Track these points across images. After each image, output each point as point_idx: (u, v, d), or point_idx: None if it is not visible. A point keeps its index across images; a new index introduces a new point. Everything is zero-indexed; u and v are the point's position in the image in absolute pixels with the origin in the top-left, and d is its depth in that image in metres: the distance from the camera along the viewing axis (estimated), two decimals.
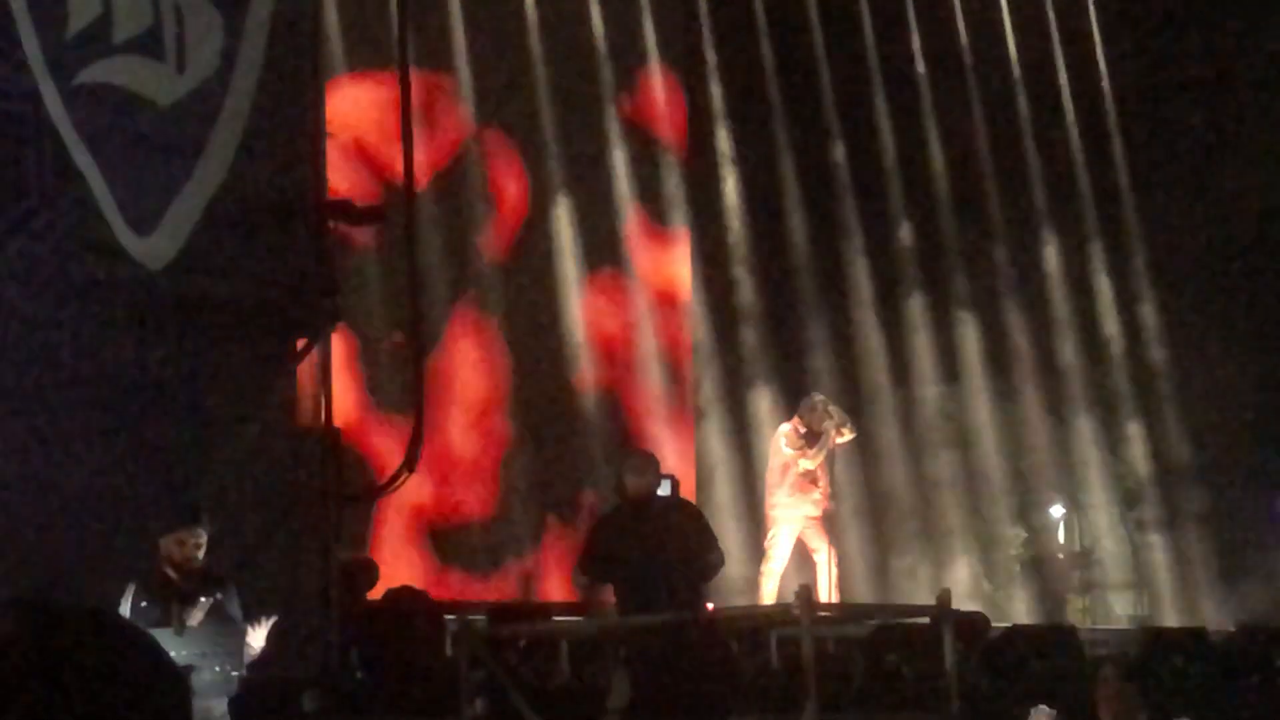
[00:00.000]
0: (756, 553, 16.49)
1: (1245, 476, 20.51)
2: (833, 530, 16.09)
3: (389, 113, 14.83)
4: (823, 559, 15.69)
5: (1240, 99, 21.15)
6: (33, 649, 1.87)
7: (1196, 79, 21.24)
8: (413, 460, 12.68)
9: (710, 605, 12.05)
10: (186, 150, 11.29)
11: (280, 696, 10.77)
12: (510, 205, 18.25)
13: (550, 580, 17.44)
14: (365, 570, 13.60)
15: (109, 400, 10.75)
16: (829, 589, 15.49)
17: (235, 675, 9.34)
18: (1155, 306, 21.12)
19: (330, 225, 12.30)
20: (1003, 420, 20.58)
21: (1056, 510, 20.90)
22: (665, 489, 13.37)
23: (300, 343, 11.96)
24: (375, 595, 13.37)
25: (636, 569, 10.62)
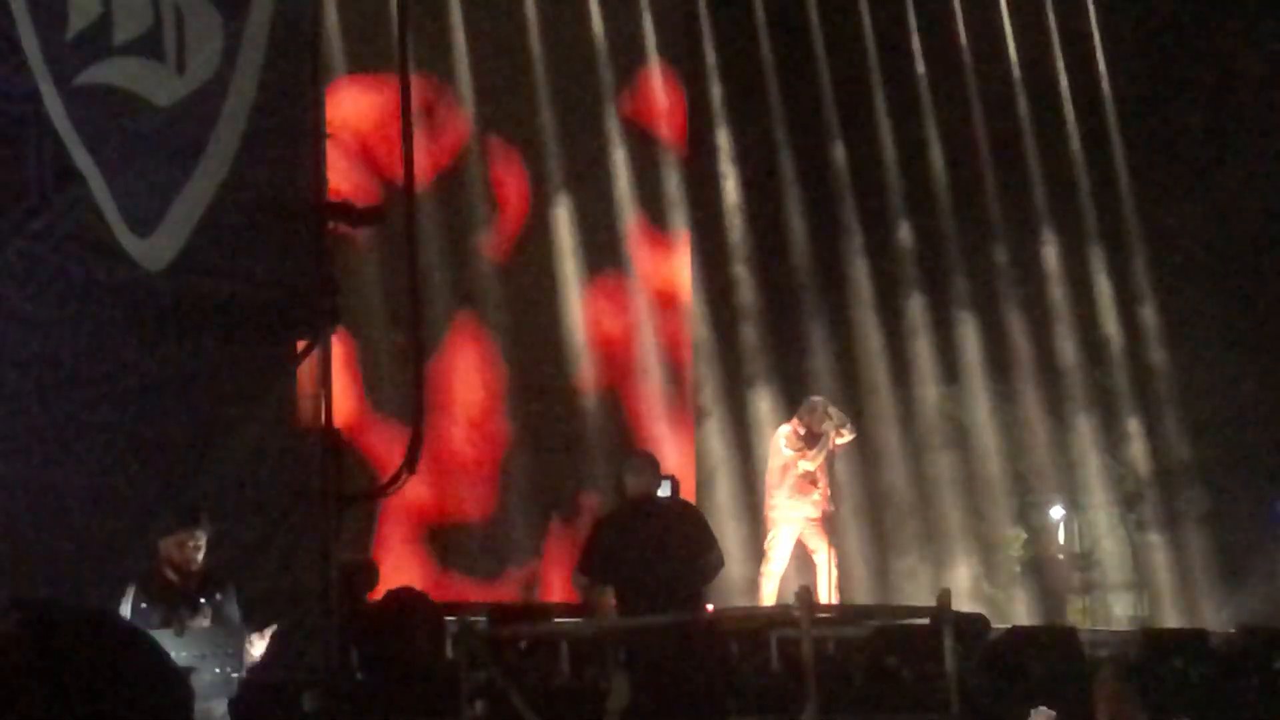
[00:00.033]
0: (757, 554, 16.48)
1: (1245, 477, 20.51)
2: (832, 531, 16.08)
3: (390, 114, 14.82)
4: (822, 560, 15.68)
5: (1240, 99, 21.15)
6: (35, 649, 1.86)
7: (1196, 79, 21.24)
8: (413, 461, 12.65)
9: (710, 606, 12.04)
10: (186, 151, 11.28)
11: (280, 697, 10.76)
12: (511, 206, 18.25)
13: (551, 581, 17.43)
14: (365, 571, 13.60)
15: (109, 401, 10.74)
16: (829, 590, 15.49)
17: (235, 676, 9.34)
18: (1155, 307, 21.11)
19: (330, 226, 12.29)
20: (1002, 421, 20.58)
21: (1056, 511, 20.89)
22: (665, 490, 13.35)
23: (300, 344, 11.95)
24: (375, 596, 13.36)
25: (636, 570, 10.61)
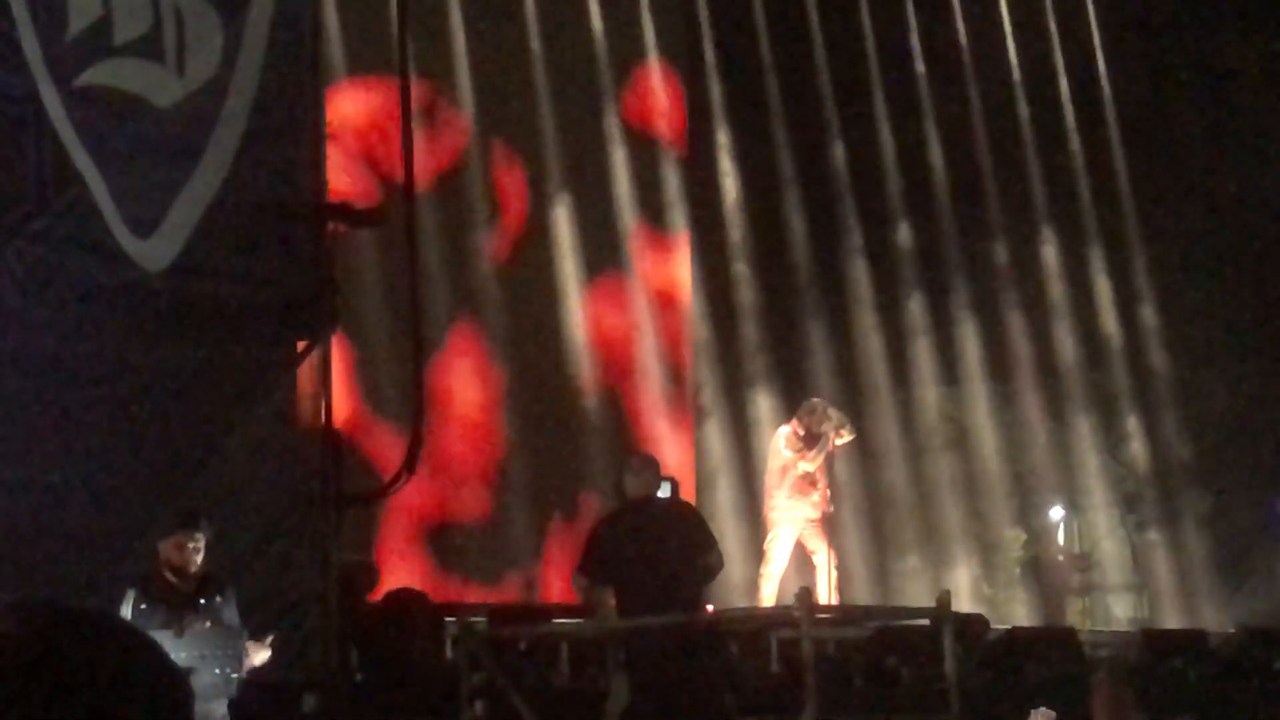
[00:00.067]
0: (756, 554, 16.48)
1: (1245, 478, 20.51)
2: (832, 532, 16.08)
3: (390, 116, 14.83)
4: (822, 561, 15.69)
5: (1240, 99, 21.14)
6: (35, 650, 1.86)
7: (1196, 79, 21.23)
8: (413, 461, 12.65)
9: (710, 607, 12.05)
10: (186, 152, 11.28)
11: (280, 698, 10.77)
12: (510, 207, 18.25)
13: (551, 582, 17.43)
14: (366, 572, 13.60)
15: (108, 402, 10.74)
16: (828, 591, 15.49)
17: (235, 677, 9.36)
18: (1155, 307, 21.10)
19: (330, 227, 12.28)
20: (1002, 422, 20.58)
21: (1056, 512, 20.89)
22: (665, 491, 13.36)
23: (300, 345, 11.95)
24: (375, 597, 13.37)
25: (636, 571, 10.61)
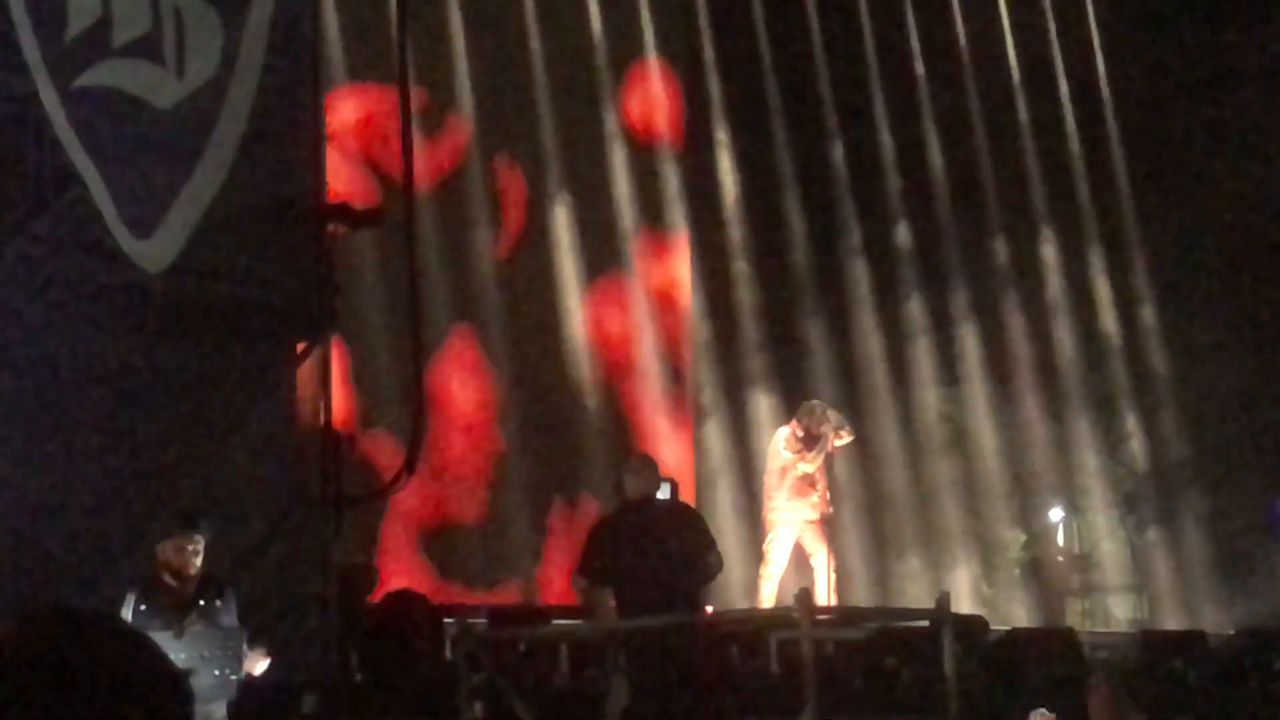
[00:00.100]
0: (756, 555, 16.46)
1: (1245, 479, 20.50)
2: (831, 534, 16.07)
3: (390, 118, 14.83)
4: (819, 563, 15.67)
5: (1240, 100, 21.14)
6: (36, 651, 1.86)
7: (1196, 79, 21.23)
8: (413, 462, 12.64)
9: (709, 608, 12.04)
10: (186, 153, 11.28)
11: (280, 699, 10.76)
12: (510, 208, 18.25)
13: (550, 583, 17.43)
14: (365, 573, 13.59)
15: (107, 403, 10.74)
16: (827, 593, 15.48)
17: (235, 678, 9.36)
18: (1155, 308, 21.10)
19: (329, 228, 12.27)
20: (1002, 423, 20.57)
21: (1056, 513, 20.88)
22: (665, 492, 13.36)
23: (300, 346, 11.95)
24: (375, 599, 13.35)
25: (636, 572, 10.61)
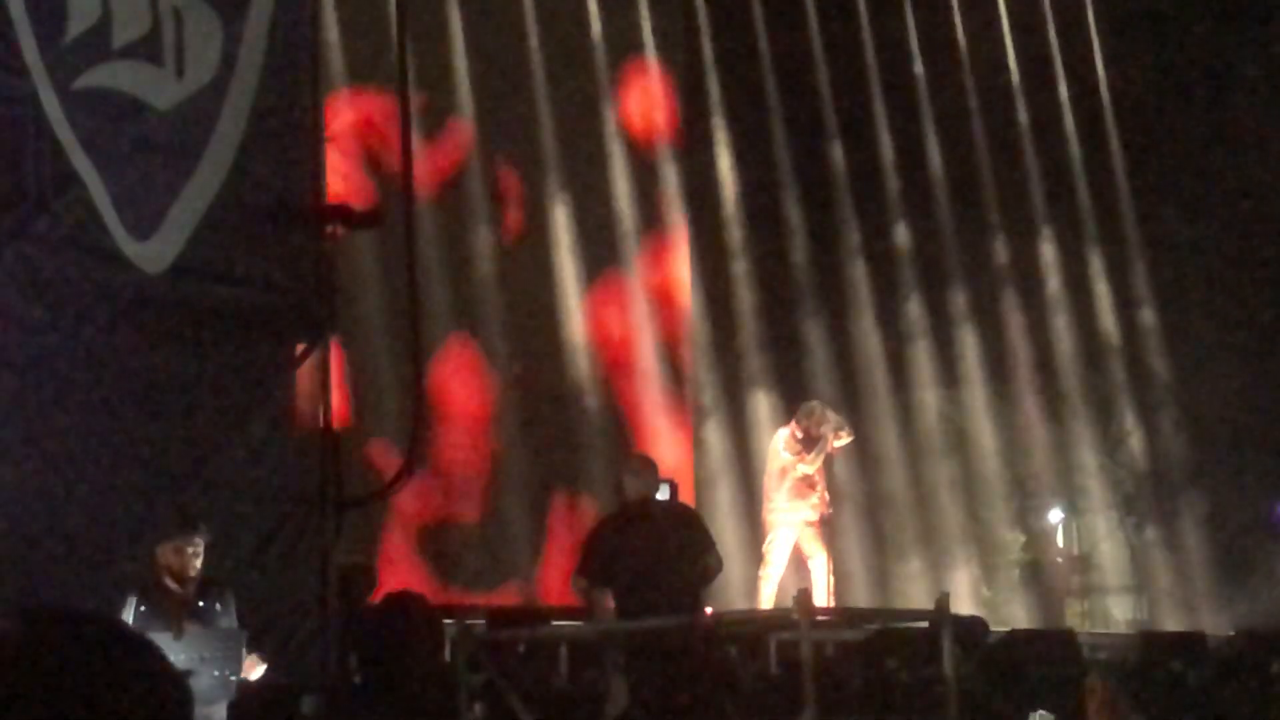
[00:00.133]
0: (755, 556, 16.46)
1: (1244, 480, 20.50)
2: (830, 535, 16.07)
3: (389, 120, 14.84)
4: (817, 566, 15.67)
5: (1239, 101, 21.14)
6: (36, 652, 1.87)
7: (1195, 81, 21.23)
8: (413, 463, 12.64)
9: (709, 609, 12.04)
10: (186, 154, 11.27)
11: (279, 701, 10.76)
12: (509, 208, 18.25)
13: (550, 584, 17.43)
14: (364, 575, 13.58)
15: (106, 405, 10.73)
16: (825, 595, 15.47)
17: (234, 680, 9.36)
18: (1154, 309, 21.10)
19: (329, 229, 12.27)
20: (1001, 424, 20.57)
21: (1055, 514, 20.89)
22: (664, 492, 13.36)
23: (300, 347, 11.95)
24: (374, 600, 13.35)
25: (635, 573, 10.62)
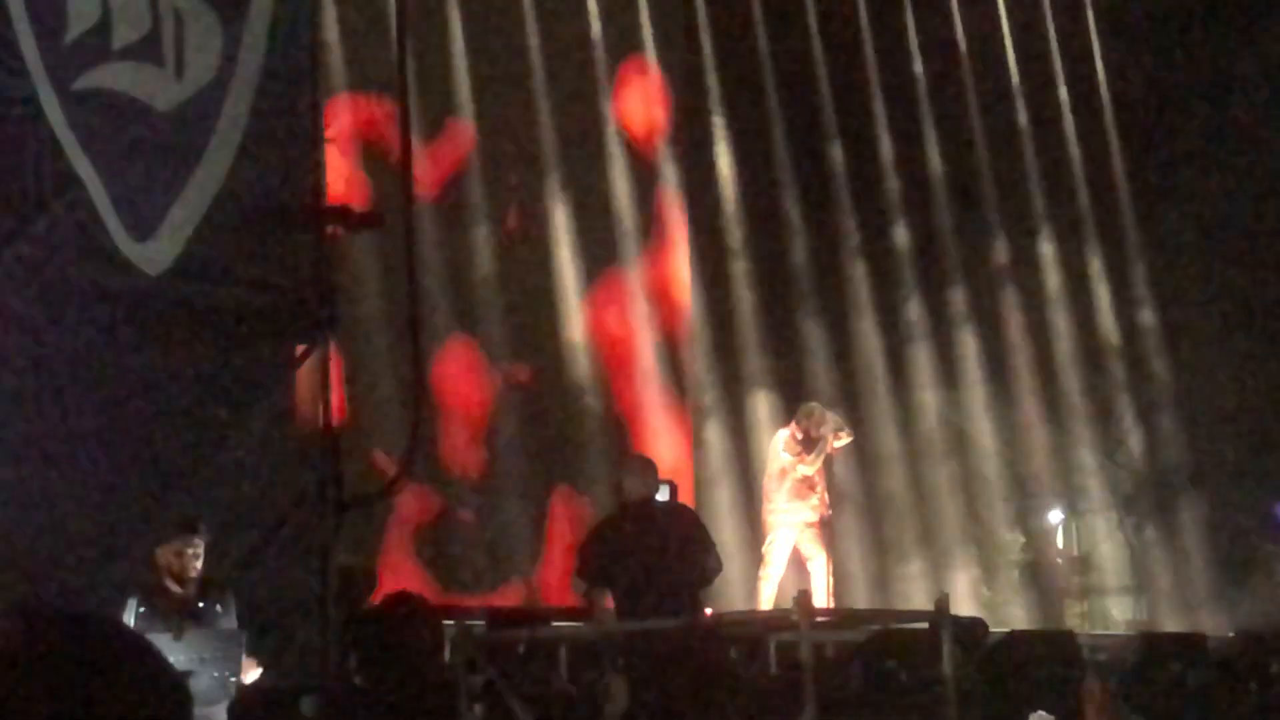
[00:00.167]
0: (755, 557, 16.46)
1: (1244, 481, 20.49)
2: (830, 536, 16.07)
3: (389, 121, 14.86)
4: (817, 566, 15.67)
5: (1238, 102, 21.13)
6: (34, 653, 1.86)
7: (1196, 82, 21.23)
8: (413, 464, 12.64)
9: (708, 610, 12.04)
10: (185, 155, 11.29)
11: (279, 702, 10.76)
12: (509, 208, 18.25)
13: (550, 585, 17.43)
14: (364, 575, 13.58)
15: (107, 406, 10.74)
16: (825, 596, 15.47)
17: (234, 681, 9.36)
18: (1154, 310, 21.10)
19: (329, 230, 12.28)
20: (1001, 425, 20.57)
21: (1055, 515, 20.88)
22: (664, 494, 13.35)
23: (300, 348, 11.95)
24: (373, 601, 13.34)
25: (635, 574, 10.62)
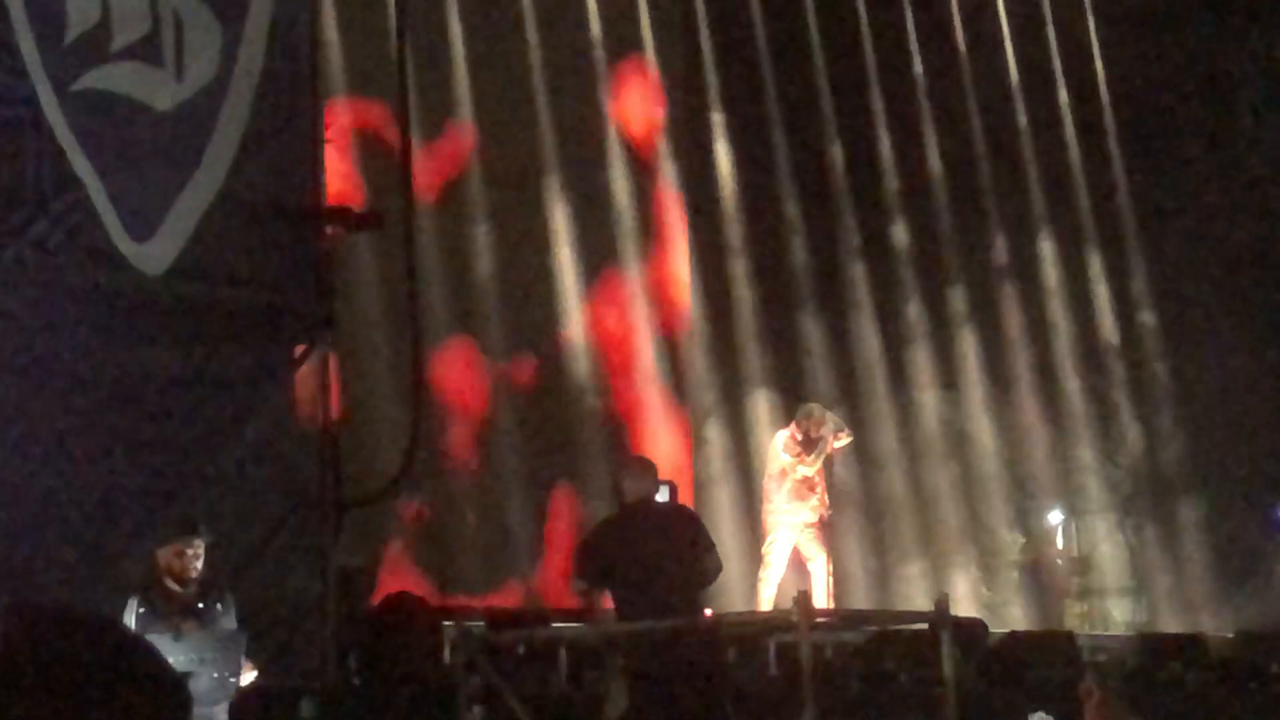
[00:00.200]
0: (755, 558, 16.46)
1: (1244, 482, 20.50)
2: (830, 537, 16.07)
3: (390, 126, 14.88)
4: (817, 567, 15.66)
5: (1238, 103, 21.14)
6: (34, 653, 1.86)
7: (1195, 82, 21.23)
8: (412, 466, 12.64)
9: (708, 611, 12.04)
10: (185, 156, 11.29)
11: (278, 703, 10.76)
12: (509, 209, 18.25)
13: (549, 586, 17.43)
14: (364, 576, 13.59)
15: (106, 406, 10.74)
16: (825, 597, 15.47)
17: (233, 681, 9.36)
18: (1154, 311, 21.10)
19: (329, 231, 12.27)
20: (1001, 425, 20.56)
21: (1055, 516, 20.88)
22: (663, 494, 13.35)
23: (299, 348, 11.95)
24: (373, 602, 13.35)
25: (634, 575, 10.61)
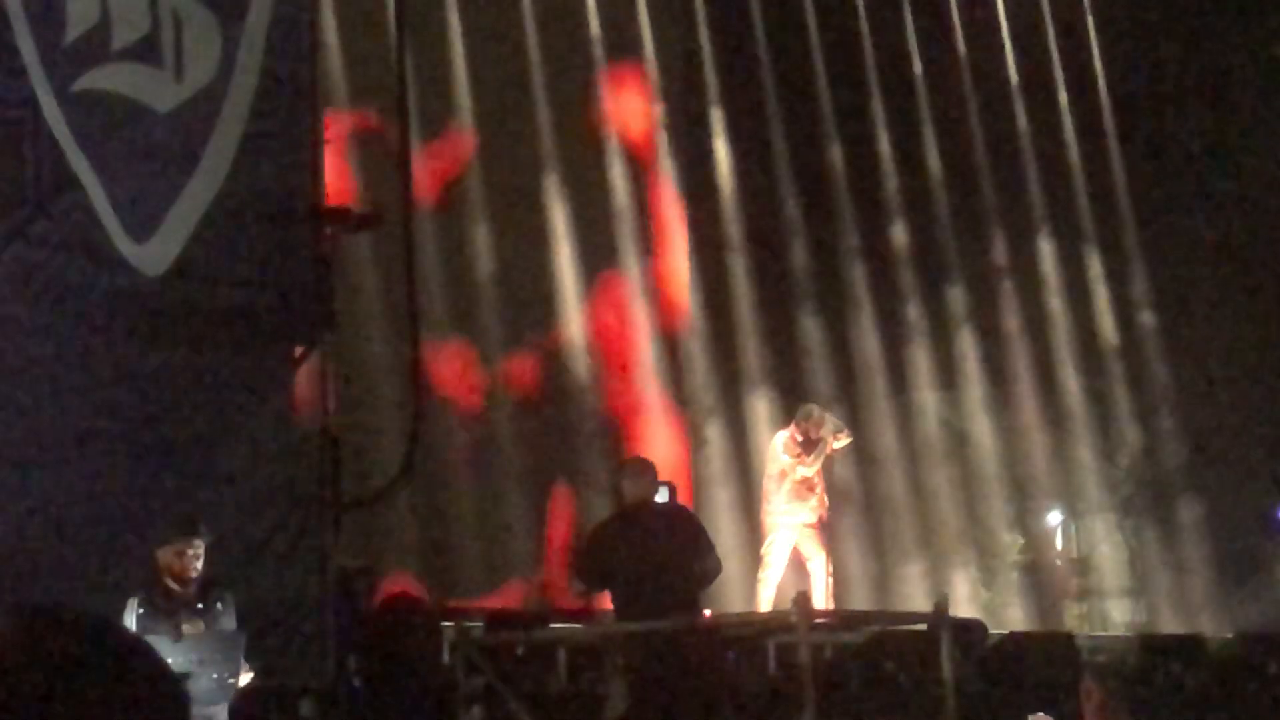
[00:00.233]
0: (754, 559, 16.45)
1: (1243, 483, 20.50)
2: (829, 537, 16.07)
3: (389, 128, 14.89)
4: (816, 568, 15.66)
5: (1238, 104, 21.14)
6: (31, 654, 1.86)
7: (1194, 83, 21.23)
8: (412, 465, 12.64)
9: (707, 612, 12.05)
10: (184, 157, 11.29)
11: (278, 704, 10.77)
12: (509, 209, 18.26)
13: (548, 586, 17.43)
14: (364, 577, 13.59)
15: (106, 406, 10.74)
16: (824, 597, 15.47)
17: (232, 682, 9.36)
18: (1153, 311, 21.10)
19: (328, 231, 12.27)
20: (1000, 426, 20.57)
21: (1054, 517, 20.89)
22: (663, 495, 13.36)
23: (299, 349, 11.95)
24: (373, 602, 13.36)
25: (634, 576, 10.61)
